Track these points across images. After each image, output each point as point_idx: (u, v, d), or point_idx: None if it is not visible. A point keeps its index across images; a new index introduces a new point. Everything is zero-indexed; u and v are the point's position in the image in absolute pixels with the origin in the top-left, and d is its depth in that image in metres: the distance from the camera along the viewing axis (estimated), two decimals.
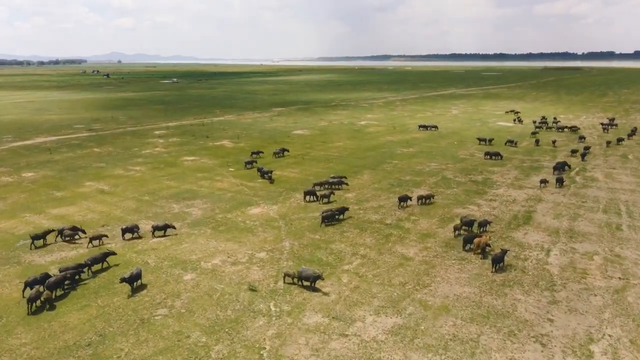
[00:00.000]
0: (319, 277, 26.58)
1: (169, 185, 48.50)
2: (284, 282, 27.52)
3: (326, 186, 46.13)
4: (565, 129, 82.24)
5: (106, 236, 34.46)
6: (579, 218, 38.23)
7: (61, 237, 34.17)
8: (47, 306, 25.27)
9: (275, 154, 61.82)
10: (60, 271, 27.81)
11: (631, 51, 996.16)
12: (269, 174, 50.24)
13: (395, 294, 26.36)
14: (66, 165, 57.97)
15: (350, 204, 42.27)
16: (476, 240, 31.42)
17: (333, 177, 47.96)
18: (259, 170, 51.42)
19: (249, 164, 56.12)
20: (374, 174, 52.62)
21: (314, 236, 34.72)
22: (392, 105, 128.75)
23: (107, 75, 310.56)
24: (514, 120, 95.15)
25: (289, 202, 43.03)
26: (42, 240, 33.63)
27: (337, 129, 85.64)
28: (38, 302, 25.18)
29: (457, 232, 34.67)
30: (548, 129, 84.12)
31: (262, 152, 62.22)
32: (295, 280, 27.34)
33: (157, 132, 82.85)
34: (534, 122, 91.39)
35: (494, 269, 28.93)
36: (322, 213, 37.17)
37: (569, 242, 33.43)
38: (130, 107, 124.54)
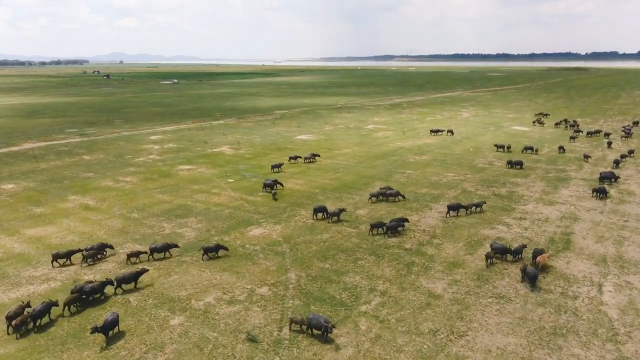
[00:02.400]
0: (331, 328, 21.87)
1: (161, 200, 43.87)
2: (290, 329, 22.84)
3: (381, 197, 42.99)
4: (598, 134, 76.47)
5: (145, 252, 31.06)
6: (625, 242, 33.46)
7: (84, 259, 30.70)
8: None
9: (306, 159, 59.25)
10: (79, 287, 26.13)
11: (635, 51, 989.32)
12: (273, 187, 45.61)
13: (426, 346, 21.67)
14: (51, 175, 53.40)
15: (362, 222, 37.68)
16: (539, 258, 28.76)
17: (387, 189, 44.18)
18: (266, 183, 46.62)
19: (276, 167, 53.63)
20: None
21: (324, 265, 30.05)
22: (399, 107, 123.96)
23: (108, 76, 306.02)
24: (534, 122, 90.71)
25: (293, 220, 38.36)
26: (65, 259, 30.64)
27: (343, 134, 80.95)
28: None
29: (489, 261, 29.99)
30: (590, 135, 76.51)
31: (300, 157, 59.17)
32: (304, 327, 22.69)
33: (152, 137, 78.27)
34: (556, 124, 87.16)
35: (530, 285, 27.00)
36: (389, 223, 35.08)
37: (621, 273, 28.68)
38: (127, 109, 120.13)
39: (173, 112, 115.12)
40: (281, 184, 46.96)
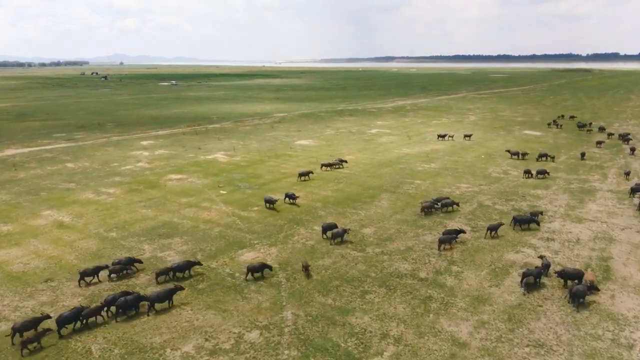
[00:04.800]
0: None
1: (144, 216, 39.44)
2: None
3: (434, 210, 39.53)
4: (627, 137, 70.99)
5: (172, 270, 27.96)
6: None
7: (109, 274, 28.47)
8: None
9: (334, 165, 55.88)
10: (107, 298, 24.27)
11: (636, 52, 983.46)
12: (274, 204, 41.16)
13: None
14: (28, 186, 48.99)
15: (369, 244, 33.27)
16: (589, 275, 26.34)
17: (440, 199, 40.78)
18: (266, 199, 41.99)
19: (305, 175, 50.22)
20: (394, 199, 43.47)
21: (326, 300, 25.60)
22: (403, 110, 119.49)
23: (105, 77, 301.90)
24: (549, 124, 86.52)
25: (291, 241, 33.93)
26: (93, 277, 28.09)
27: (345, 139, 76.52)
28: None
29: (523, 281, 25.81)
30: (623, 138, 71.27)
31: (332, 165, 55.71)
32: None
33: (143, 143, 73.84)
34: (580, 127, 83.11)
35: (575, 304, 24.46)
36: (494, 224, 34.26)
37: None
38: (120, 112, 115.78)
39: (168, 115, 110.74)
40: (295, 198, 42.40)
